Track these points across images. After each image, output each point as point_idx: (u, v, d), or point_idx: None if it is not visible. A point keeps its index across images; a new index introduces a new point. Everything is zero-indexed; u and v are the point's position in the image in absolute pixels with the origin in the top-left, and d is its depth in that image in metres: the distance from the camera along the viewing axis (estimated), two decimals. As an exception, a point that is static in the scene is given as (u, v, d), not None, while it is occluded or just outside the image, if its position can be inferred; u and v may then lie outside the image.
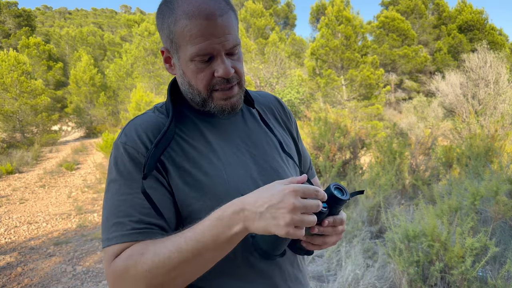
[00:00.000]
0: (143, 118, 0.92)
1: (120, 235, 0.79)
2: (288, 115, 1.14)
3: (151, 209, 0.81)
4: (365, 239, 3.98)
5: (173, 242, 0.76)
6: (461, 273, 2.55)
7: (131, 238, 0.79)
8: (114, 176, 0.85)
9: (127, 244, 0.79)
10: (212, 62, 0.86)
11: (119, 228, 0.80)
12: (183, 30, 0.82)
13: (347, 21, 14.91)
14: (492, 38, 22.13)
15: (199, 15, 0.81)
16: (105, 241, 0.81)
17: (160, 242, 0.77)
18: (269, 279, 0.92)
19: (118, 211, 0.81)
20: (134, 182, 0.83)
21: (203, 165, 0.88)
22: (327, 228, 0.80)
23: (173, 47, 0.87)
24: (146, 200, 0.81)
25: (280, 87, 19.25)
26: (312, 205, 0.70)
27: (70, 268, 4.55)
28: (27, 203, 7.91)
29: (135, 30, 22.61)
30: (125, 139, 0.87)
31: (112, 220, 0.81)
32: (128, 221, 0.80)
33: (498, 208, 3.10)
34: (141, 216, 0.81)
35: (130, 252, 0.77)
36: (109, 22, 65.69)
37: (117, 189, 0.83)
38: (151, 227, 0.81)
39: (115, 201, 0.83)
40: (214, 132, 0.94)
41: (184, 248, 0.74)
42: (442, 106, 14.01)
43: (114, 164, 0.86)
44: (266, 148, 1.00)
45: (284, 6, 34.12)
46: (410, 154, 5.96)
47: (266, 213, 0.70)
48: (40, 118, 16.96)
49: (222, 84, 0.87)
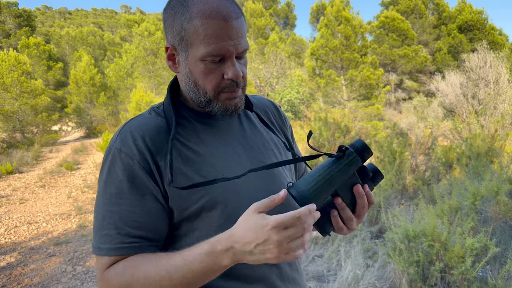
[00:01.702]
0: (139, 120, 0.90)
1: (108, 248, 0.82)
2: (283, 118, 1.15)
3: (139, 222, 0.83)
4: (365, 239, 3.98)
5: (163, 268, 0.78)
6: (461, 273, 2.55)
7: (119, 253, 0.82)
8: (105, 183, 0.85)
9: (115, 258, 0.83)
10: (222, 64, 0.85)
11: (108, 240, 0.83)
12: (197, 29, 0.82)
13: (347, 21, 14.91)
14: (492, 38, 22.13)
15: (217, 15, 0.81)
16: (95, 248, 0.84)
17: (151, 265, 0.80)
18: (267, 280, 0.92)
19: (108, 223, 0.83)
20: (124, 192, 0.83)
21: (201, 167, 0.87)
22: (363, 198, 0.84)
23: (183, 44, 0.86)
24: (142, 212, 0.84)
25: (280, 87, 19.25)
26: (296, 233, 0.71)
27: (70, 268, 4.55)
28: (27, 203, 7.91)
29: (135, 30, 22.62)
30: (120, 145, 0.85)
31: (102, 230, 0.84)
32: (116, 233, 0.82)
33: (499, 208, 3.10)
34: (129, 229, 0.82)
35: (121, 271, 0.81)
36: (109, 22, 65.69)
37: (107, 198, 0.84)
38: (138, 241, 0.83)
39: (105, 211, 0.84)
40: (211, 134, 0.94)
41: (174, 277, 0.77)
42: (442, 106, 14.01)
43: (107, 171, 0.85)
44: (262, 150, 0.99)
45: (284, 6, 34.12)
46: (410, 154, 5.95)
47: (254, 250, 0.72)
48: (40, 118, 16.96)
49: (231, 87, 0.87)
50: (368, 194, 0.85)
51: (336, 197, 0.82)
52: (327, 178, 0.78)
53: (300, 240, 0.71)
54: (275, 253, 0.71)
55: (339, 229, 0.86)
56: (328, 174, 0.79)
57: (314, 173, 0.79)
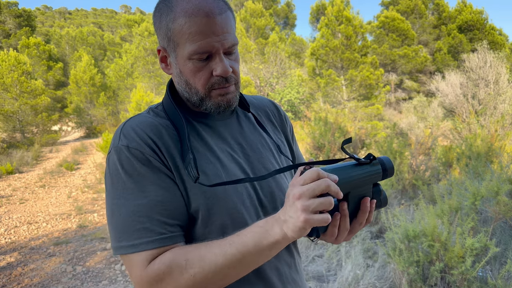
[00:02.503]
0: (138, 119, 0.89)
1: (149, 241, 0.78)
2: (283, 118, 1.14)
3: (171, 210, 0.81)
4: (365, 239, 3.98)
5: (218, 245, 0.77)
6: (461, 273, 2.55)
7: (161, 244, 0.79)
8: (123, 180, 0.82)
9: (157, 251, 0.79)
10: (210, 61, 0.85)
11: (145, 234, 0.78)
12: (181, 28, 0.82)
13: (347, 21, 14.91)
14: (492, 38, 22.13)
15: (199, 12, 0.81)
16: (127, 247, 0.79)
17: (204, 246, 0.78)
18: (267, 281, 0.92)
19: (138, 217, 0.79)
20: (147, 184, 0.81)
21: (201, 164, 0.87)
22: (365, 212, 0.83)
23: (171, 45, 0.87)
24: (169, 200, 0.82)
25: (280, 87, 19.25)
26: (316, 187, 0.70)
27: (70, 268, 4.55)
28: (27, 203, 7.91)
29: (135, 30, 22.62)
30: (126, 142, 0.83)
31: (133, 226, 0.79)
32: (152, 225, 0.79)
33: (499, 208, 3.10)
34: (165, 218, 0.80)
35: (172, 257, 0.77)
36: (109, 22, 65.70)
37: (129, 194, 0.81)
38: (178, 230, 0.81)
39: (131, 207, 0.80)
40: (210, 133, 0.94)
41: (228, 252, 0.75)
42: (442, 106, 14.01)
43: (121, 168, 0.82)
44: (261, 150, 0.99)
45: (284, 6, 34.12)
46: (410, 154, 5.95)
47: (285, 216, 0.72)
48: (40, 118, 16.97)
49: (221, 83, 0.87)
50: (371, 211, 0.83)
51: (343, 202, 0.79)
52: (347, 177, 0.76)
53: (323, 200, 0.69)
54: (299, 208, 0.69)
55: (330, 235, 0.82)
56: (349, 174, 0.76)
57: (336, 168, 0.76)
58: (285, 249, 0.98)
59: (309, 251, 3.98)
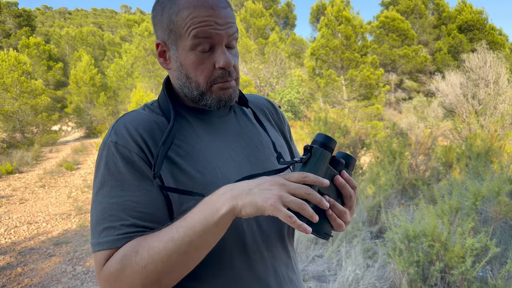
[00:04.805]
0: (132, 115, 0.89)
1: (112, 240, 0.77)
2: (281, 117, 1.14)
3: (144, 213, 0.79)
4: (365, 239, 3.98)
5: (165, 232, 0.74)
6: (461, 273, 2.55)
7: (124, 243, 0.76)
8: (104, 177, 0.82)
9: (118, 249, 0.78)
10: (212, 53, 0.85)
11: (111, 233, 0.77)
12: (185, 19, 0.83)
13: (347, 21, 14.92)
14: (492, 38, 22.15)
15: (204, 4, 0.83)
16: (95, 245, 0.78)
17: (152, 235, 0.76)
18: (264, 281, 0.91)
19: (110, 215, 0.78)
20: (126, 184, 0.81)
21: (197, 162, 0.86)
22: (346, 187, 0.82)
23: (172, 37, 0.86)
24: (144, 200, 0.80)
25: (280, 87, 19.25)
26: (299, 188, 0.71)
27: (70, 268, 4.55)
28: (27, 203, 7.91)
29: (135, 30, 22.62)
30: (115, 138, 0.83)
31: (103, 224, 0.78)
32: (120, 225, 0.77)
33: (499, 209, 3.10)
34: (135, 220, 0.79)
35: (123, 252, 0.75)
36: (109, 22, 65.71)
37: (107, 192, 0.80)
38: (143, 230, 0.79)
39: (105, 204, 0.80)
40: (207, 130, 0.93)
41: (176, 237, 0.72)
42: (442, 106, 14.01)
43: (105, 165, 0.82)
44: (259, 147, 0.99)
45: (284, 6, 34.13)
46: (410, 154, 5.95)
47: (254, 189, 0.71)
48: (40, 118, 16.97)
49: (224, 76, 0.87)
50: (347, 180, 0.83)
51: (323, 196, 0.79)
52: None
53: (298, 201, 0.70)
54: (275, 193, 0.69)
55: (338, 226, 0.83)
56: None
57: None
58: (282, 249, 0.97)
59: (309, 251, 3.98)
